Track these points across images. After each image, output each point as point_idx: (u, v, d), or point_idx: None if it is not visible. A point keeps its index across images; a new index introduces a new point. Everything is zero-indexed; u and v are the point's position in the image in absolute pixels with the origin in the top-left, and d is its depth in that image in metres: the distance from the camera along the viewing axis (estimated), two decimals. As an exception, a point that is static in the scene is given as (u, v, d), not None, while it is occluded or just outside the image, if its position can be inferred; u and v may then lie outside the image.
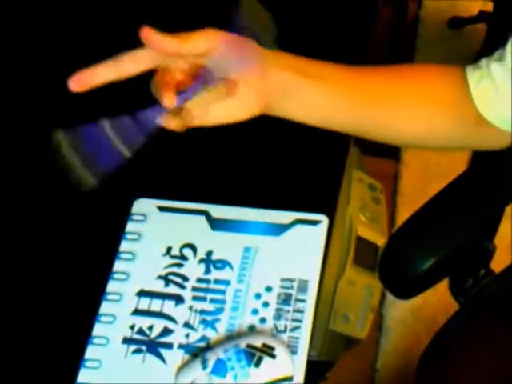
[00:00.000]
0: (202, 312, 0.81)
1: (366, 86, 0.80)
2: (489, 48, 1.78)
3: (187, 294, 0.83)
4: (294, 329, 0.79)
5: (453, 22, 2.06)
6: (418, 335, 1.59)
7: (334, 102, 0.78)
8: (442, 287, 1.07)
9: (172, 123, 0.72)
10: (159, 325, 0.81)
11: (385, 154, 1.91)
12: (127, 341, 0.80)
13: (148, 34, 0.68)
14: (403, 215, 0.94)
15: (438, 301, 1.54)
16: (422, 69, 0.85)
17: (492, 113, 0.80)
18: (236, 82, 0.73)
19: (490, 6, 1.84)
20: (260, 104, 0.75)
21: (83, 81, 0.69)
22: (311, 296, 0.81)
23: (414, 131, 0.83)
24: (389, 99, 0.81)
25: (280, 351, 0.75)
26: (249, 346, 0.74)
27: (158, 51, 0.70)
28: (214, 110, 0.74)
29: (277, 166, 0.93)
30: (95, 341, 0.81)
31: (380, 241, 1.39)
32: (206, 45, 0.70)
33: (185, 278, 0.84)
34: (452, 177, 0.95)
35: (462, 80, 0.81)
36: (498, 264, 1.09)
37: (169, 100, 0.68)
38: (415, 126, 0.82)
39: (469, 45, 1.98)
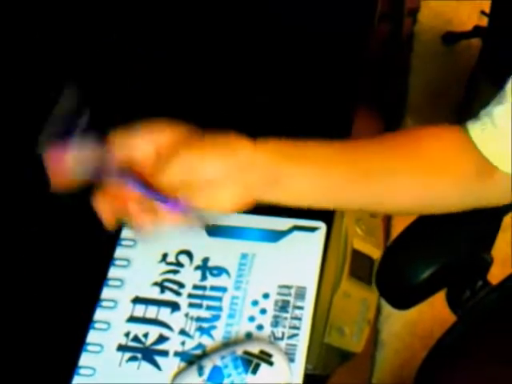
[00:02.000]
0: (199, 319, 0.80)
1: (358, 163, 0.76)
2: (483, 63, 1.80)
3: (183, 301, 0.82)
4: (291, 336, 0.78)
5: (448, 37, 2.07)
6: (414, 350, 1.58)
7: (323, 185, 0.75)
8: (438, 301, 1.06)
9: None
10: (155, 332, 0.80)
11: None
12: (122, 348, 0.79)
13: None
14: (399, 229, 0.93)
15: (433, 315, 1.53)
16: (419, 135, 0.82)
17: (498, 157, 0.78)
18: None
19: (485, 21, 1.84)
20: (239, 199, 0.73)
21: None
22: (309, 303, 0.80)
23: (416, 203, 0.81)
24: (384, 174, 0.77)
25: (278, 358, 0.73)
26: (246, 352, 0.73)
27: None
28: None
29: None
30: (89, 348, 0.79)
31: (376, 254, 1.38)
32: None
33: (181, 285, 0.83)
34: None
35: (464, 135, 0.79)
36: (492, 277, 1.08)
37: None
38: (416, 199, 0.80)
39: (464, 60, 1.99)
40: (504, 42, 1.69)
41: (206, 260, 0.84)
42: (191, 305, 0.81)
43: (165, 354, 0.78)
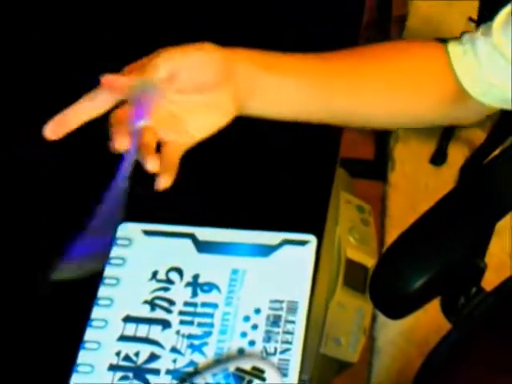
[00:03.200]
0: (190, 336, 0.80)
1: (340, 74, 0.78)
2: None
3: (174, 319, 0.81)
4: (284, 351, 0.77)
5: (436, 44, 2.06)
6: (410, 357, 1.57)
7: (305, 95, 0.76)
8: (433, 308, 1.05)
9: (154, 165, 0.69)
10: (146, 350, 0.79)
11: (372, 176, 1.90)
12: (113, 368, 0.78)
13: (110, 81, 0.68)
14: (392, 237, 0.93)
15: (429, 322, 1.52)
16: (401, 49, 0.84)
17: (474, 86, 0.80)
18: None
19: (472, 28, 1.84)
20: (234, 104, 0.73)
21: (57, 128, 0.69)
22: (301, 317, 0.79)
23: (394, 117, 0.83)
24: (365, 86, 0.79)
25: (270, 374, 0.73)
26: (238, 369, 0.73)
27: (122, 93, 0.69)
28: (191, 125, 0.72)
29: (263, 187, 0.92)
30: (80, 368, 0.79)
31: (369, 262, 1.38)
32: (166, 70, 0.70)
33: (171, 302, 0.82)
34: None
35: (445, 55, 0.81)
36: (486, 284, 1.08)
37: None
38: (395, 111, 0.82)
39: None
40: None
41: (196, 276, 0.84)
42: (182, 322, 0.81)
43: (156, 372, 0.78)
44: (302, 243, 0.85)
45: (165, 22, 1.08)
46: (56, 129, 0.69)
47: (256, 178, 0.92)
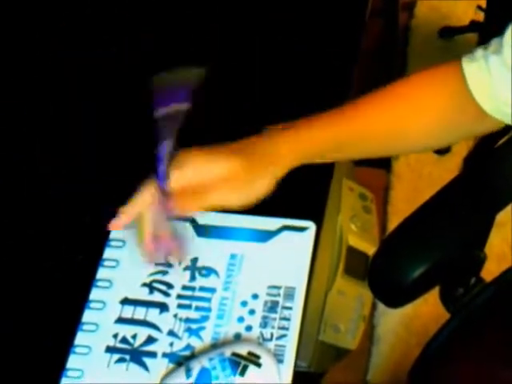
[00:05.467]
0: (187, 320, 0.80)
1: (360, 128, 0.84)
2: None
3: (172, 302, 0.81)
4: (280, 337, 0.78)
5: (444, 32, 2.06)
6: (410, 346, 1.58)
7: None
8: (433, 298, 1.05)
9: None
10: (143, 333, 0.80)
11: (376, 164, 1.90)
12: (110, 349, 0.79)
13: None
14: (394, 225, 0.93)
15: (429, 311, 1.53)
16: (415, 82, 0.86)
17: (489, 103, 0.81)
18: None
19: (481, 16, 1.84)
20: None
21: None
22: (298, 303, 0.80)
23: (417, 148, 0.93)
24: (389, 132, 0.85)
25: (266, 360, 0.73)
26: (234, 354, 0.73)
27: None
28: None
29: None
30: (78, 350, 0.79)
31: (371, 250, 1.37)
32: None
33: (169, 286, 0.82)
34: (443, 188, 0.94)
35: (459, 75, 0.82)
36: (486, 274, 1.08)
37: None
38: (417, 145, 0.89)
39: (460, 54, 1.97)
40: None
41: (194, 260, 0.84)
42: (180, 305, 0.81)
43: (153, 355, 0.78)
44: (301, 229, 0.85)
45: (164, 23, 1.08)
46: None
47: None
